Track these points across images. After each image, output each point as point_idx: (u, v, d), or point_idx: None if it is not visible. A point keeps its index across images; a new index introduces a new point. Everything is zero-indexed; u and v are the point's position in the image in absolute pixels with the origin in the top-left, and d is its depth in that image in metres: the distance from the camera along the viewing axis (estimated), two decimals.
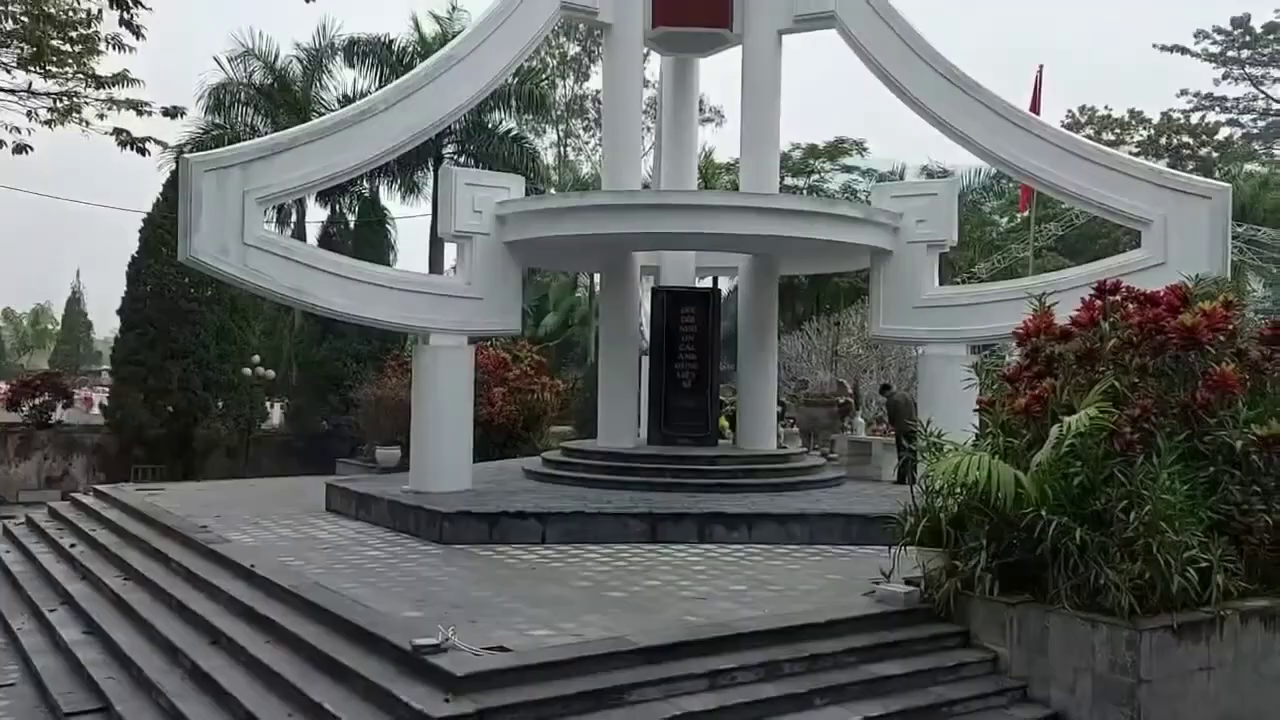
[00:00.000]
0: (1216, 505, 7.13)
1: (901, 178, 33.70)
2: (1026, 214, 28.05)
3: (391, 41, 30.10)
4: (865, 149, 38.29)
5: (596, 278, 28.48)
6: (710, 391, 14.30)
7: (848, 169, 38.45)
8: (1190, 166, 36.64)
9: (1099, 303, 7.90)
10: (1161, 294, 7.77)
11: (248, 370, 26.06)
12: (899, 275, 13.03)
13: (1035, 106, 20.68)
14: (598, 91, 31.05)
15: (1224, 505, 7.18)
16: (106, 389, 30.58)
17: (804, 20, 13.93)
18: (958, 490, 7.37)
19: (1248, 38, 43.33)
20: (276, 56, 30.61)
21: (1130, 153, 35.05)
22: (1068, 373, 7.63)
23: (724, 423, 16.19)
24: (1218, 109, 44.42)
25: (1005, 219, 37.51)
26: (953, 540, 7.51)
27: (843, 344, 27.01)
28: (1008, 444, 7.59)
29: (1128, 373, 7.42)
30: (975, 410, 8.22)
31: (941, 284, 13.88)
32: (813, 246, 13.07)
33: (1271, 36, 43.24)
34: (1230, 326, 7.68)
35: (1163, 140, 40.70)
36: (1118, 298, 7.93)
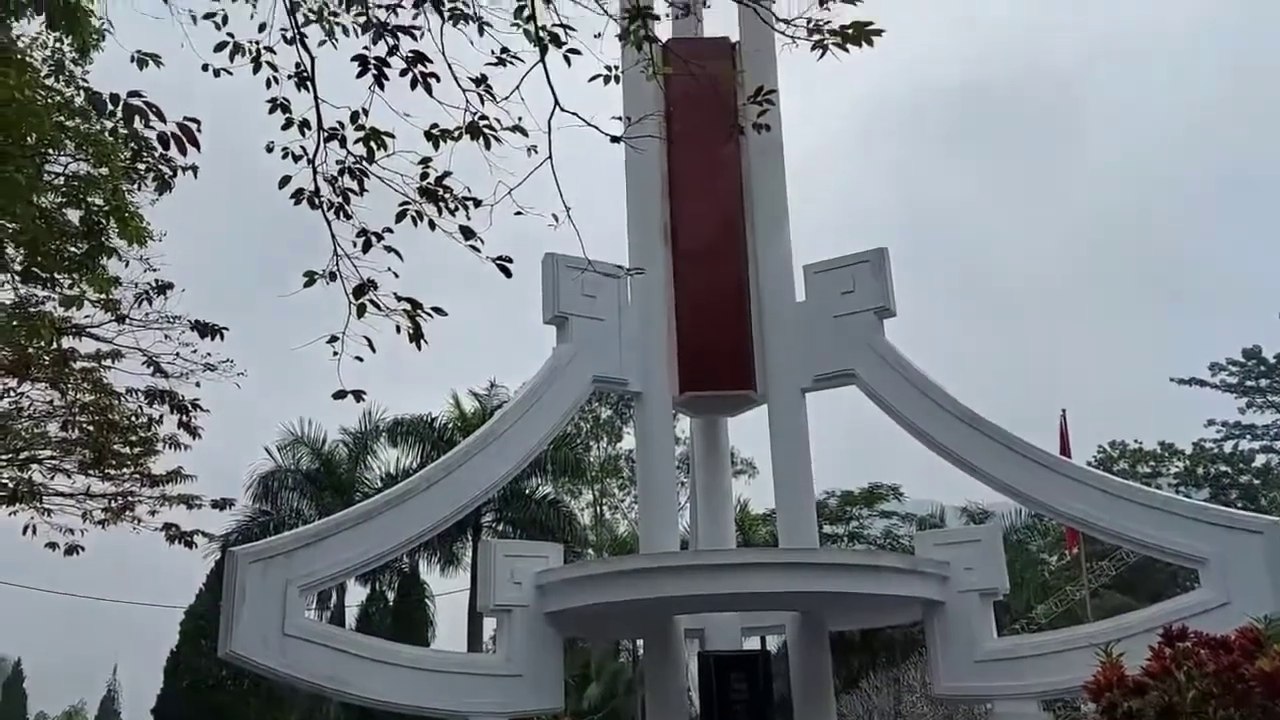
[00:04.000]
0: None
1: (942, 521, 33.48)
2: (1076, 552, 27.54)
3: (433, 419, 31.46)
4: (901, 494, 38.43)
5: (639, 643, 27.69)
6: None
7: (886, 514, 38.36)
8: (1234, 495, 36.30)
9: (1169, 650, 7.61)
10: (1233, 638, 7.49)
11: None
12: (954, 627, 12.62)
13: (1065, 449, 20.95)
14: (631, 451, 31.94)
15: None
16: None
17: (824, 379, 14.58)
18: None
19: (1263, 368, 44.41)
20: (324, 442, 31.96)
21: (1169, 484, 34.87)
22: None
23: None
24: (1249, 436, 44.65)
25: (1055, 557, 36.69)
26: None
27: (905, 702, 25.52)
28: None
29: None
30: None
31: (999, 631, 13.46)
32: (861, 600, 12.83)
33: None
34: None
35: (1200, 470, 40.62)
36: (1188, 644, 7.64)
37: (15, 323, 8.34)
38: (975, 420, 12.88)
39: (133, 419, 10.47)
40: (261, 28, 4.29)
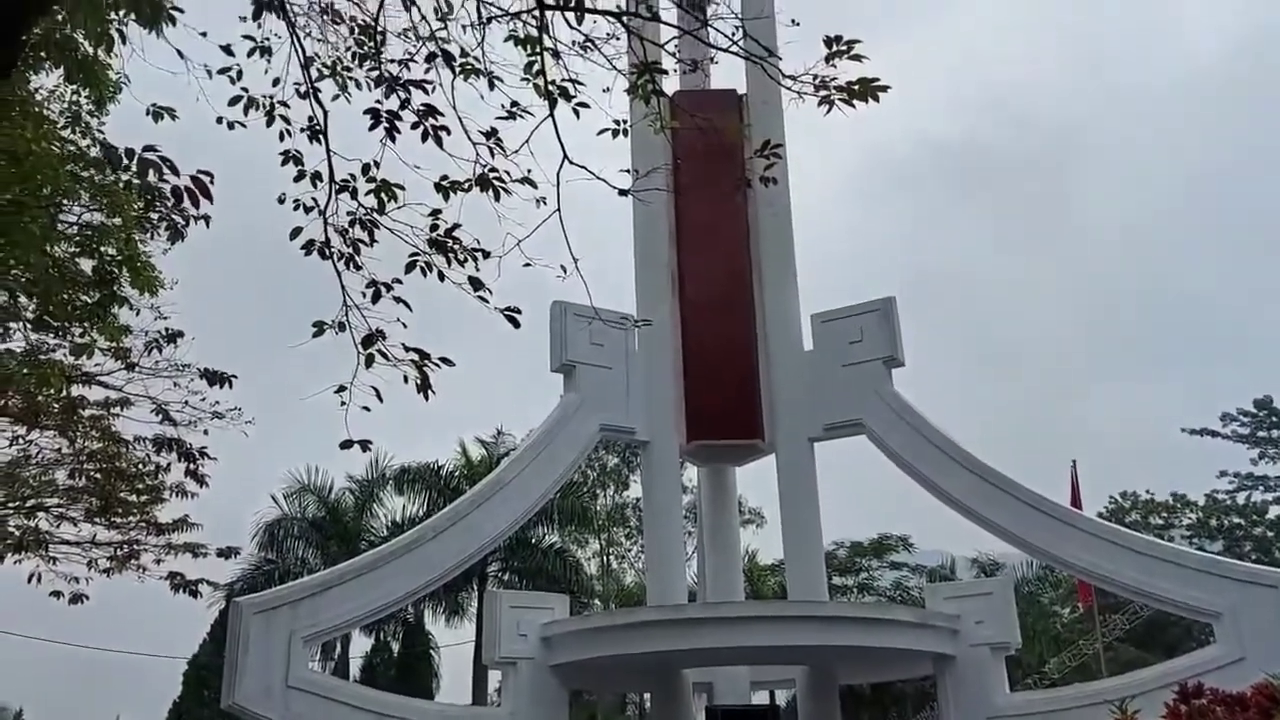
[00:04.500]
0: None
1: (952, 572, 33.11)
2: (1089, 605, 27.19)
3: (440, 467, 31.35)
4: (910, 544, 38.06)
5: (646, 696, 27.31)
6: None
7: (895, 565, 37.98)
8: (1248, 547, 35.91)
9: (1184, 707, 7.48)
10: (1249, 695, 7.36)
11: None
12: (966, 681, 12.46)
13: (1076, 501, 20.78)
14: (638, 499, 31.80)
15: None
16: None
17: (834, 429, 14.53)
18: None
19: (1274, 419, 44.11)
20: (330, 490, 31.83)
21: (1182, 536, 34.52)
22: None
23: None
24: (1261, 488, 44.26)
25: (1067, 610, 36.23)
26: None
27: None
28: None
29: None
30: None
31: (1012, 686, 13.27)
32: (871, 654, 12.67)
33: None
34: None
35: (1213, 522, 40.23)
36: (1203, 701, 7.51)
37: (26, 370, 8.38)
38: (984, 471, 12.81)
39: (140, 467, 10.46)
40: (276, 82, 4.35)
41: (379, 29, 4.04)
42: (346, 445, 4.61)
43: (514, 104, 4.39)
